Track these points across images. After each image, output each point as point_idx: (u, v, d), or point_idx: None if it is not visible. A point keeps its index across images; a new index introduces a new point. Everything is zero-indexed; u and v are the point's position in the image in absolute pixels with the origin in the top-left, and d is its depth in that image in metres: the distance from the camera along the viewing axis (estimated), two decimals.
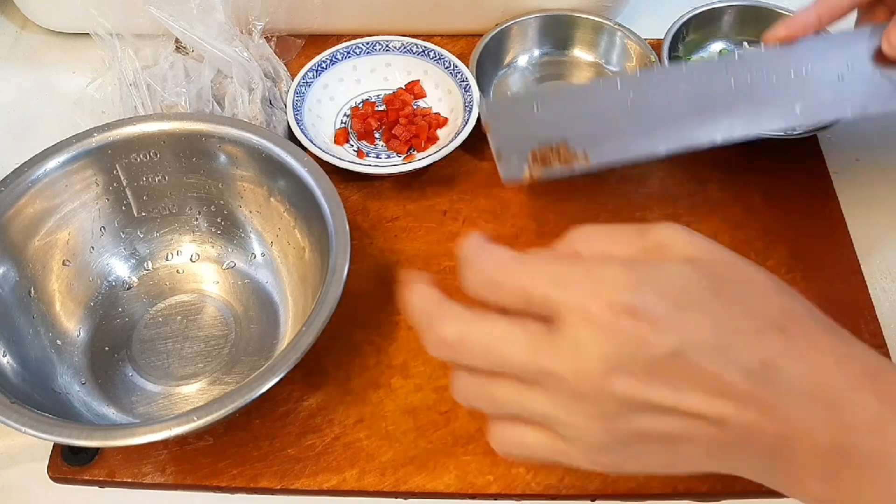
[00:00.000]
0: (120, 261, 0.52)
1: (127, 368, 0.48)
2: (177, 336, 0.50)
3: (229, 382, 0.48)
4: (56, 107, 0.64)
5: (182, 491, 0.45)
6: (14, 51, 0.69)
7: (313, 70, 0.61)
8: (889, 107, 0.47)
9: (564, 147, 0.46)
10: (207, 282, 0.52)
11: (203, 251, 0.53)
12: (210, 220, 0.53)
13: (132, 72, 0.54)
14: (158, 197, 0.52)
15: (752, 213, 0.56)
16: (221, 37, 0.57)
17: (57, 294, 0.49)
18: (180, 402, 0.47)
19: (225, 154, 0.50)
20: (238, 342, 0.50)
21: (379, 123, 0.61)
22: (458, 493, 0.44)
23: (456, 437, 0.46)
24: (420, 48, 0.62)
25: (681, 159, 0.59)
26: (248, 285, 0.52)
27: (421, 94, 0.63)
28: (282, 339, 0.49)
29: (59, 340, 0.48)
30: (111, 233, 0.51)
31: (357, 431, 0.46)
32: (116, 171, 0.50)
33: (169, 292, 0.52)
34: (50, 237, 0.49)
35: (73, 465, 0.45)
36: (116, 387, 0.48)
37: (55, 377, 0.46)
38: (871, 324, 0.51)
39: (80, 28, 0.68)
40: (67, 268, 0.49)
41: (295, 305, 0.50)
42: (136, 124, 0.49)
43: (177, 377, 0.48)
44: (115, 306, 0.51)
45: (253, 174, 0.50)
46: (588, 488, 0.44)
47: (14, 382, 0.42)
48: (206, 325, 0.50)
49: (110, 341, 0.49)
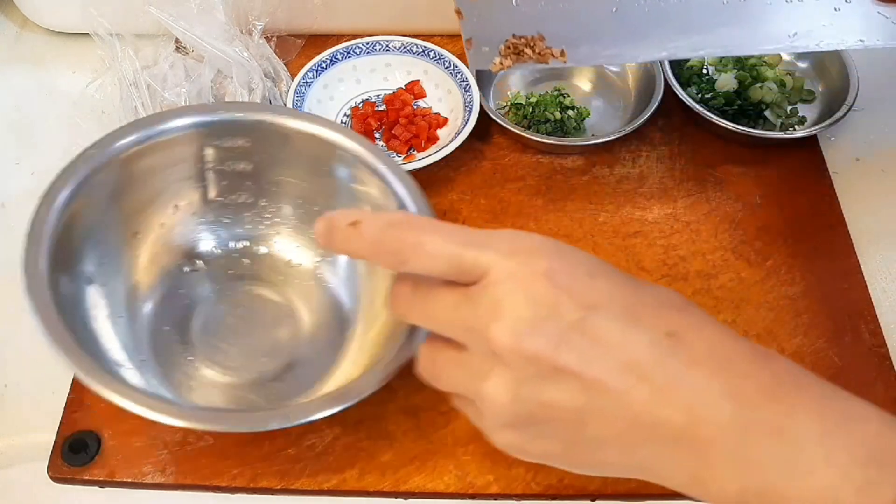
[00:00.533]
0: (192, 240, 0.50)
1: (186, 351, 0.47)
2: (239, 327, 0.48)
3: (287, 380, 0.47)
4: (56, 107, 0.64)
5: (182, 491, 0.45)
6: (14, 51, 0.69)
7: (313, 70, 0.61)
8: (888, 43, 0.46)
9: (541, 41, 0.45)
10: (279, 277, 0.51)
11: (280, 246, 0.51)
12: (297, 216, 0.51)
13: (132, 72, 0.54)
14: (240, 183, 0.50)
15: (753, 213, 0.56)
16: (221, 37, 0.57)
17: (124, 266, 0.47)
18: (237, 393, 0.46)
19: (340, 163, 0.48)
20: (301, 342, 0.48)
21: (379, 123, 0.61)
22: (458, 493, 0.44)
23: (456, 437, 0.46)
24: (420, 48, 0.62)
25: (681, 159, 0.59)
26: (320, 287, 0.50)
27: (421, 94, 0.63)
28: (346, 346, 0.48)
29: (122, 315, 0.46)
30: (185, 210, 0.50)
31: (357, 431, 0.46)
32: (207, 151, 0.48)
33: (237, 280, 0.50)
34: (134, 203, 0.47)
35: (73, 465, 0.45)
36: (175, 369, 0.46)
37: (113, 350, 0.44)
38: (871, 324, 0.51)
39: (80, 28, 0.68)
40: (136, 239, 0.48)
41: (366, 317, 0.48)
42: (230, 112, 0.48)
43: (236, 368, 0.47)
44: (180, 286, 0.49)
45: (358, 181, 0.48)
46: (588, 488, 0.44)
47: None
48: (270, 320, 0.49)
49: (171, 321, 0.48)
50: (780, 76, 0.62)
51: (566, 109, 0.60)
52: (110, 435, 0.45)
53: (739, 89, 0.61)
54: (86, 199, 0.44)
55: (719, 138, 0.60)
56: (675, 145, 0.60)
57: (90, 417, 0.46)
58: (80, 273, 0.44)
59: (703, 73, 0.63)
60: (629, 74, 0.63)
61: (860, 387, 0.48)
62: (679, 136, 0.61)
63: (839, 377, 0.48)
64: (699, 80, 0.62)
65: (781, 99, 0.61)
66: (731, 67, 0.62)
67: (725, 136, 0.59)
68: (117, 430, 0.46)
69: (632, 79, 0.63)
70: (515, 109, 0.61)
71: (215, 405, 0.46)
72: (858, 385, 0.48)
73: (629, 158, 0.59)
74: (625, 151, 0.59)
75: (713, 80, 0.62)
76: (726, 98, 0.61)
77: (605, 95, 0.63)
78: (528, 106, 0.60)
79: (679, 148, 0.60)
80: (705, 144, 0.60)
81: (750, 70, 0.62)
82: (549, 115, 0.59)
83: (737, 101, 0.61)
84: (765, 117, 0.61)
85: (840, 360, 0.49)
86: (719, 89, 0.61)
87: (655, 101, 0.58)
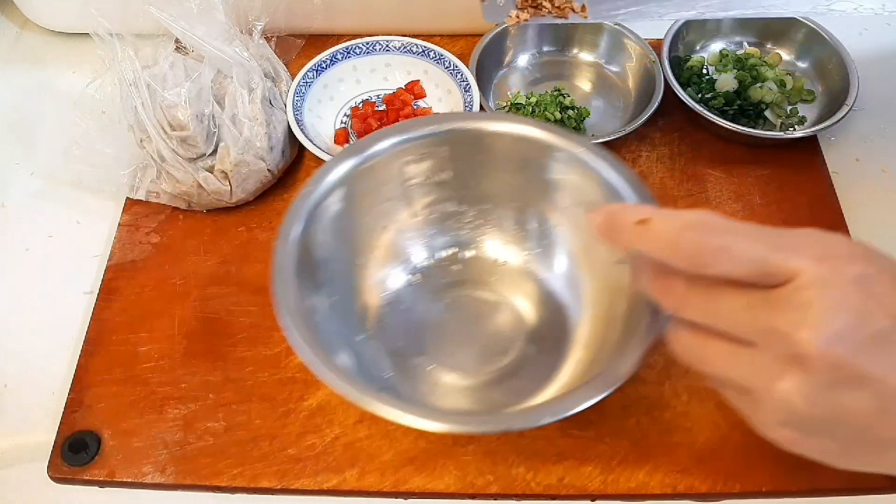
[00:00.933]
0: (405, 255, 0.51)
1: (425, 362, 0.48)
2: (465, 330, 0.50)
3: (523, 375, 0.47)
4: (56, 107, 0.64)
5: (182, 491, 0.45)
6: (14, 51, 0.69)
7: (313, 70, 0.61)
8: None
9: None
10: (491, 277, 0.52)
11: (486, 247, 0.52)
12: (498, 215, 0.51)
13: (132, 72, 0.54)
14: (442, 193, 0.50)
15: (752, 213, 0.56)
16: (221, 37, 0.57)
17: (353, 289, 0.49)
18: (479, 394, 0.47)
19: (554, 162, 0.48)
20: (526, 335, 0.49)
21: (379, 123, 0.61)
22: (458, 493, 0.44)
23: (456, 437, 0.46)
24: (420, 48, 0.62)
25: (681, 159, 0.59)
26: (533, 281, 0.51)
27: (421, 94, 0.63)
28: (572, 332, 0.48)
29: (360, 336, 0.48)
30: (395, 228, 0.51)
31: (357, 431, 0.46)
32: (409, 168, 0.49)
33: (452, 286, 0.51)
34: (353, 228, 0.49)
35: (73, 465, 0.45)
36: (419, 381, 0.47)
37: (363, 373, 0.45)
38: None
39: (80, 28, 0.68)
40: (359, 263, 0.49)
41: (589, 303, 0.48)
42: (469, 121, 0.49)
43: (473, 370, 0.48)
44: (402, 301, 0.50)
45: (573, 184, 0.48)
46: (588, 488, 0.44)
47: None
48: (492, 319, 0.50)
49: (403, 336, 0.49)
50: (780, 76, 0.62)
51: (566, 109, 0.60)
52: (110, 435, 0.46)
53: (739, 89, 0.61)
54: (314, 231, 0.45)
55: (719, 138, 0.60)
56: (675, 145, 0.60)
57: (90, 417, 0.46)
58: (318, 302, 0.45)
59: (703, 73, 0.63)
60: (629, 74, 0.63)
61: None
62: (679, 136, 0.61)
63: None
64: (699, 81, 0.62)
65: (781, 99, 0.61)
66: (731, 67, 0.62)
67: (725, 136, 0.59)
68: (117, 430, 0.46)
69: (632, 79, 0.63)
70: (515, 109, 0.61)
71: (465, 409, 0.47)
72: None
73: (629, 158, 0.59)
74: (625, 151, 0.59)
75: (713, 80, 0.62)
76: (726, 98, 0.61)
77: (605, 95, 0.63)
78: (528, 106, 0.60)
79: (679, 148, 0.60)
80: (705, 144, 0.60)
81: (750, 70, 0.62)
82: (550, 116, 0.59)
83: (737, 101, 0.61)
84: (765, 117, 0.61)
85: None
86: (719, 89, 0.61)
87: (655, 101, 0.58)
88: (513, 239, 0.52)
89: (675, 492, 0.44)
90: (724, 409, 0.47)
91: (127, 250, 0.54)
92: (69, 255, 0.55)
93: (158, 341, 0.50)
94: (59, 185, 0.59)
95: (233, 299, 0.52)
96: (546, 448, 0.45)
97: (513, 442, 0.45)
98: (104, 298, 0.52)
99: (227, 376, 0.48)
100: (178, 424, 0.46)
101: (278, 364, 0.49)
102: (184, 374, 0.48)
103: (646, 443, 0.45)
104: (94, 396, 0.47)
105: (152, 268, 0.53)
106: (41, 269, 0.55)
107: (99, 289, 0.52)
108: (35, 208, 0.58)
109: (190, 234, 0.55)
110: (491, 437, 0.46)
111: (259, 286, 0.52)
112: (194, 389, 0.48)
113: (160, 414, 0.47)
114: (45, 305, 0.53)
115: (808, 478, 0.44)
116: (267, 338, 0.50)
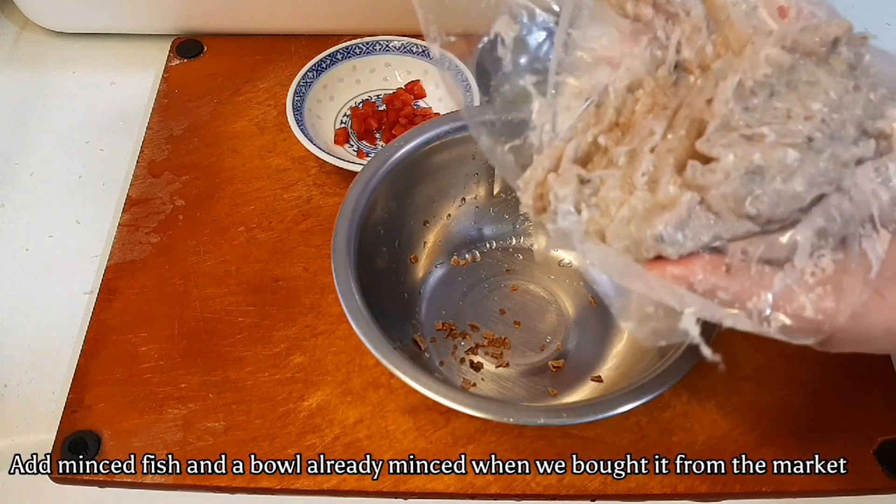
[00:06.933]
0: (472, 233, 0.53)
1: (462, 340, 0.50)
2: (509, 319, 0.51)
3: (551, 374, 0.49)
4: (56, 107, 0.64)
5: (182, 491, 0.45)
6: (14, 51, 0.69)
7: (313, 70, 0.61)
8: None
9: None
10: (550, 276, 0.53)
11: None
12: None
13: None
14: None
15: None
16: None
17: (414, 250, 0.52)
18: (507, 384, 0.48)
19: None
20: (568, 339, 0.50)
21: (379, 123, 0.61)
22: (458, 493, 0.44)
23: (456, 438, 0.46)
24: (420, 48, 0.62)
25: None
26: (588, 288, 0.52)
27: (421, 94, 0.63)
28: (611, 342, 0.49)
29: (405, 294, 0.50)
30: (471, 203, 0.53)
31: (357, 431, 0.46)
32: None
33: (508, 274, 0.53)
34: (428, 194, 0.51)
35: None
36: (452, 357, 0.49)
37: (404, 338, 0.48)
38: None
39: (80, 28, 0.68)
40: (426, 227, 0.52)
41: (633, 317, 0.49)
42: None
43: (508, 359, 0.49)
44: (457, 275, 0.52)
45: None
46: (588, 488, 0.44)
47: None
48: (538, 315, 0.51)
49: (448, 308, 0.51)
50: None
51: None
52: (110, 435, 0.46)
53: None
54: (385, 189, 0.48)
55: None
56: None
57: (90, 417, 0.46)
58: (376, 256, 0.49)
59: None
60: None
61: (859, 387, 0.48)
62: None
63: (838, 377, 0.48)
64: None
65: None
66: None
67: None
68: (117, 430, 0.46)
69: None
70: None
71: (496, 396, 0.48)
72: (857, 385, 0.48)
73: None
74: None
75: None
76: None
77: None
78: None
79: None
80: None
81: None
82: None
83: None
84: None
85: (839, 360, 0.49)
86: None
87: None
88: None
89: (675, 492, 0.44)
90: (725, 408, 0.47)
91: (127, 250, 0.54)
92: (69, 255, 0.55)
93: (158, 341, 0.50)
94: (59, 185, 0.59)
95: (232, 299, 0.52)
96: (546, 448, 0.45)
97: (513, 442, 0.46)
98: (104, 298, 0.52)
99: (226, 376, 0.48)
100: (178, 424, 0.46)
101: (278, 364, 0.49)
102: (184, 375, 0.48)
103: (646, 443, 0.46)
104: (94, 396, 0.47)
105: (152, 268, 0.53)
106: (41, 269, 0.55)
107: (99, 289, 0.52)
108: (35, 208, 0.58)
109: (190, 234, 0.55)
110: (490, 437, 0.46)
111: (259, 286, 0.52)
112: (194, 389, 0.48)
113: (160, 414, 0.47)
114: (45, 305, 0.53)
115: (807, 478, 0.44)
116: (267, 338, 0.50)
